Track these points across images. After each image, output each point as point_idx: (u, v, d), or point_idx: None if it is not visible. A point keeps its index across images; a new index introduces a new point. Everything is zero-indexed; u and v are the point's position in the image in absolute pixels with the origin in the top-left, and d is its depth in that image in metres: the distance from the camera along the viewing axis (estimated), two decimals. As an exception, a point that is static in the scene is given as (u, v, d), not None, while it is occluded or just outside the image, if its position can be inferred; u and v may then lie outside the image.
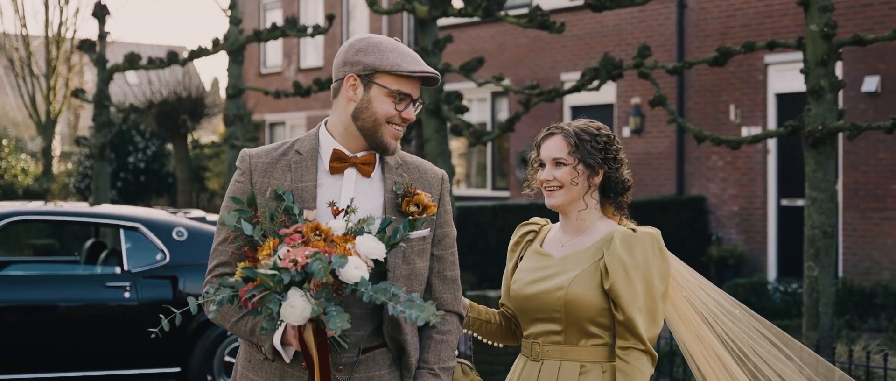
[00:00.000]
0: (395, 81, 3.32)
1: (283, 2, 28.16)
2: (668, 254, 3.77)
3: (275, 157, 3.38)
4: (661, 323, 3.69)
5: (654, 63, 10.05)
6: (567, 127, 3.81)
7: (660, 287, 3.67)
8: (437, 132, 11.67)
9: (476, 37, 21.12)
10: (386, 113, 3.32)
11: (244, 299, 3.05)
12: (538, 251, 3.91)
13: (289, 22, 14.10)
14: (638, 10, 18.07)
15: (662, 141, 17.76)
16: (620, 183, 3.83)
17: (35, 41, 31.35)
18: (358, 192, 3.35)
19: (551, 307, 3.74)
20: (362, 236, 3.14)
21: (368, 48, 3.32)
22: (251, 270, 3.07)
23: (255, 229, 3.17)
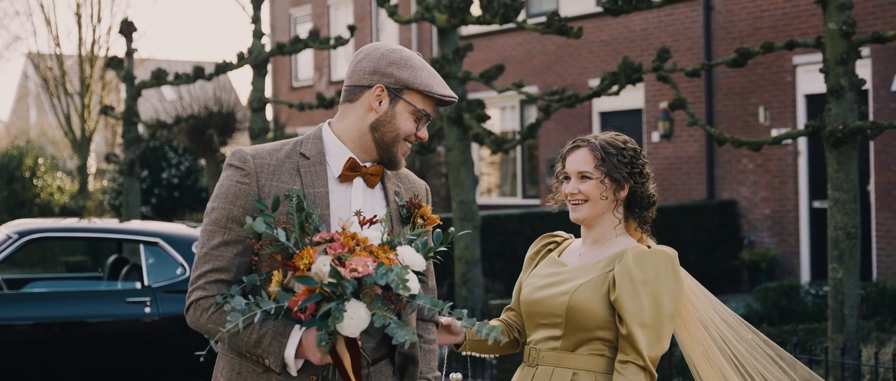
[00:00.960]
0: (422, 100, 3.29)
1: (314, 15, 28.23)
2: (684, 275, 3.72)
3: (280, 158, 3.26)
4: (665, 344, 3.61)
5: (674, 66, 9.98)
6: (593, 140, 3.78)
7: (668, 307, 3.60)
8: (459, 141, 11.64)
9: (503, 45, 21.06)
10: (407, 130, 3.28)
11: (296, 309, 2.96)
12: (554, 260, 3.90)
13: (312, 34, 14.12)
14: (664, 14, 17.97)
15: (692, 145, 17.62)
16: (645, 198, 3.78)
17: (68, 60, 31.59)
18: (365, 201, 3.31)
19: (554, 312, 3.70)
20: (404, 248, 3.10)
21: (401, 62, 3.26)
22: (305, 278, 2.95)
23: (288, 236, 3.06)
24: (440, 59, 11.57)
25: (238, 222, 3.17)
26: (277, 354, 3.11)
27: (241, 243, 3.18)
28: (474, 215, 11.67)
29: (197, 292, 3.19)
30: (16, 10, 37.13)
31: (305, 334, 3.11)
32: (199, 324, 3.19)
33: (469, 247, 11.64)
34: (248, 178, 3.20)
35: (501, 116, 21.92)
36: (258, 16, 14.79)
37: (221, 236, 3.19)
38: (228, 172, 3.24)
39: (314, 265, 2.96)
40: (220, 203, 3.21)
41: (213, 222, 3.20)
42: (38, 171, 26.05)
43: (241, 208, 3.18)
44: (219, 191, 3.23)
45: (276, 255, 3.07)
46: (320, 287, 2.94)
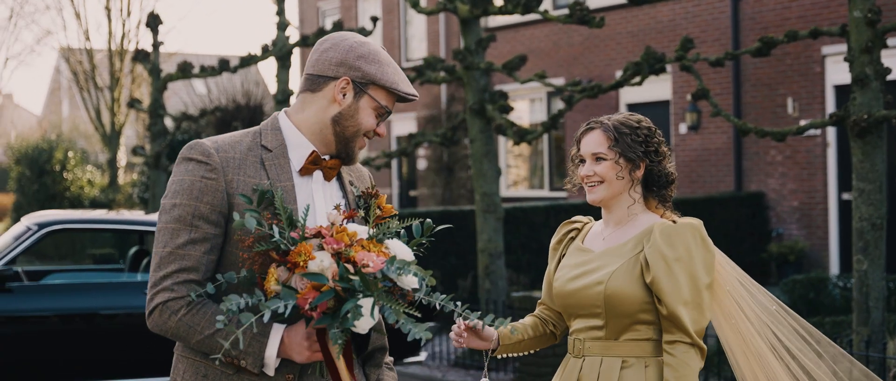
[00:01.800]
0: (386, 96, 3.22)
1: (342, 7, 28.23)
2: (713, 246, 3.66)
3: (242, 151, 3.15)
4: (708, 315, 3.59)
5: (697, 56, 9.86)
6: (607, 121, 3.75)
7: (704, 278, 3.58)
8: (481, 132, 11.58)
9: (529, 37, 20.98)
10: (368, 125, 3.21)
11: (307, 308, 2.85)
12: (579, 247, 3.86)
13: (336, 26, 14.08)
14: (692, 5, 17.83)
15: (720, 137, 17.48)
16: (663, 176, 3.76)
17: (98, 54, 31.73)
18: (325, 194, 3.25)
19: (592, 303, 3.67)
20: (392, 241, 3.05)
21: (370, 56, 3.18)
22: (315, 275, 2.85)
23: (281, 232, 2.96)
24: (463, 51, 11.50)
25: (206, 220, 3.06)
26: (257, 354, 3.02)
27: (209, 241, 3.07)
28: (497, 206, 11.60)
29: (163, 294, 3.03)
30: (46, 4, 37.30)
31: (288, 332, 3.04)
32: (167, 328, 3.05)
33: (492, 239, 11.58)
34: (214, 172, 3.08)
35: (530, 107, 21.85)
36: (282, 8, 14.76)
37: (188, 234, 3.05)
38: (190, 166, 3.10)
39: (315, 262, 2.89)
40: (184, 199, 3.07)
41: (177, 220, 3.06)
42: (68, 164, 26.20)
43: (209, 205, 3.07)
44: (180, 187, 3.08)
45: (271, 252, 2.96)
46: (334, 284, 2.86)
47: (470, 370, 11.07)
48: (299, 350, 3.03)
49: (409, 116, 25.61)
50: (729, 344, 3.84)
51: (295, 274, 2.91)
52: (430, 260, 14.12)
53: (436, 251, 14.46)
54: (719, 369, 8.91)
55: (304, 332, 3.02)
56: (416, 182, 25.55)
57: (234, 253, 3.09)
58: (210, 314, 3.01)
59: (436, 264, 14.36)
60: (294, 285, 2.91)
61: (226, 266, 3.10)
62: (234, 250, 3.09)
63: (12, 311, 8.50)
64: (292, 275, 2.91)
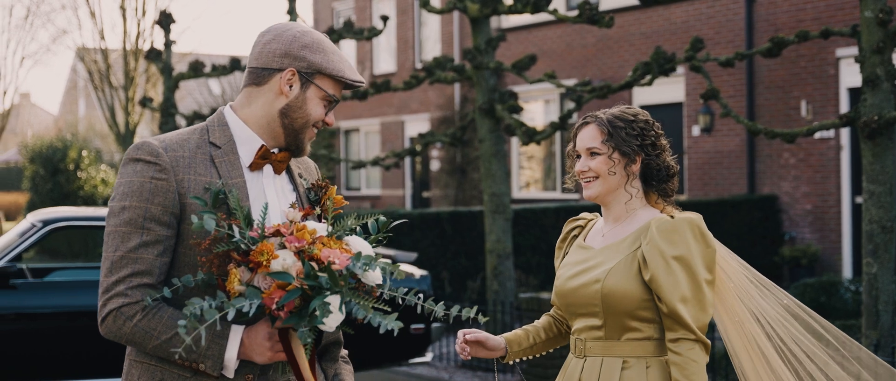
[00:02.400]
0: (333, 85, 3.16)
1: (356, 7, 28.21)
2: (713, 241, 3.57)
3: (191, 149, 3.08)
4: (709, 311, 3.50)
5: (707, 56, 9.78)
6: (601, 115, 3.68)
7: (704, 274, 3.48)
8: (491, 133, 11.52)
9: (542, 38, 20.91)
10: (317, 116, 3.16)
11: (274, 307, 2.80)
12: (581, 245, 3.78)
13: (346, 25, 14.03)
14: (706, 6, 17.74)
15: (733, 139, 17.38)
16: (662, 170, 3.65)
17: (113, 54, 31.76)
18: (277, 188, 3.19)
19: (590, 301, 3.59)
20: (352, 237, 3.00)
21: (314, 46, 3.13)
22: (281, 274, 2.81)
23: (239, 232, 2.89)
24: (473, 50, 11.44)
25: (157, 222, 2.98)
26: (217, 356, 2.96)
27: (162, 243, 2.99)
28: (506, 207, 11.54)
29: (117, 300, 2.95)
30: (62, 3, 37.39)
31: (248, 333, 2.98)
32: (122, 334, 2.97)
33: (501, 240, 11.52)
34: (163, 173, 3.00)
35: (544, 108, 21.79)
36: (293, 7, 14.72)
37: (140, 236, 2.96)
38: (138, 167, 3.01)
39: (278, 260, 2.84)
40: (134, 201, 2.98)
41: (128, 223, 2.97)
42: (82, 163, 26.23)
43: (160, 206, 2.98)
44: (129, 188, 3.00)
45: (232, 252, 2.89)
46: (301, 282, 2.82)
47: (477, 372, 11.01)
48: (261, 351, 2.98)
49: (422, 116, 25.58)
50: (732, 345, 3.75)
51: (258, 274, 2.85)
52: (440, 261, 14.08)
53: (445, 252, 14.40)
54: (726, 371, 8.83)
55: (265, 332, 2.97)
56: (430, 183, 25.50)
57: (188, 254, 3.02)
58: (167, 318, 2.94)
59: (446, 264, 14.31)
60: (257, 285, 2.86)
61: (179, 268, 3.03)
62: (187, 251, 3.02)
63: (16, 308, 8.48)
64: (255, 275, 2.86)
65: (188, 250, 3.01)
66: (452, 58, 12.33)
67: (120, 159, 30.46)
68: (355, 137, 28.91)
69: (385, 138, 27.06)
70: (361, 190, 28.48)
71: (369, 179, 28.34)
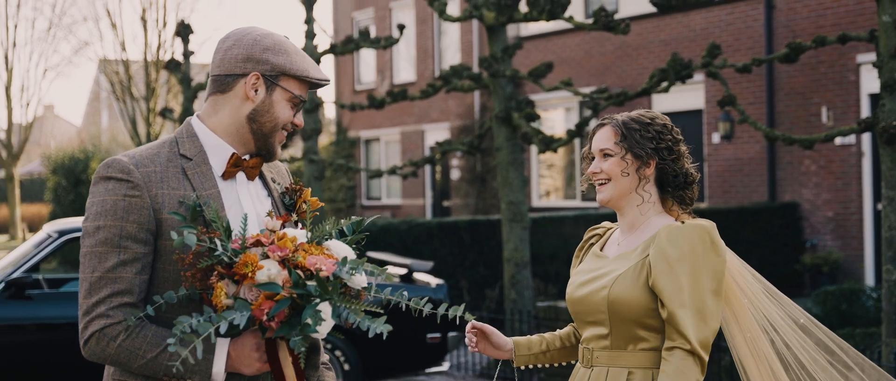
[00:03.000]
0: (299, 86, 3.13)
1: (376, 17, 28.25)
2: (725, 250, 3.44)
3: (162, 163, 3.03)
4: (713, 325, 3.34)
5: (724, 62, 9.72)
6: (618, 117, 3.59)
7: (709, 284, 3.34)
8: (507, 141, 11.48)
9: (561, 46, 20.87)
10: (285, 118, 3.12)
11: (265, 319, 2.77)
12: (596, 253, 3.69)
13: (362, 34, 14.03)
14: (725, 13, 17.66)
15: (753, 146, 17.28)
16: (678, 176, 3.53)
17: (134, 65, 31.90)
18: (251, 195, 3.16)
19: (597, 309, 3.50)
20: (331, 241, 2.99)
21: (276, 48, 3.09)
22: (269, 285, 2.78)
23: (221, 245, 2.86)
24: (489, 58, 11.41)
25: (134, 239, 2.93)
26: (205, 371, 2.92)
27: (140, 260, 2.94)
28: (523, 216, 11.50)
29: (98, 321, 2.90)
30: (83, 15, 37.59)
31: (234, 345, 2.94)
32: (106, 355, 2.92)
33: (518, 248, 11.47)
34: (137, 190, 2.96)
35: (565, 116, 21.74)
36: (311, 17, 14.72)
37: (117, 256, 2.92)
38: (110, 185, 2.97)
39: (263, 271, 2.80)
40: (109, 221, 2.93)
41: (104, 242, 2.92)
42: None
43: (136, 223, 2.94)
44: (102, 208, 2.95)
45: (216, 266, 2.85)
46: (289, 292, 2.79)
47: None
48: (249, 362, 2.95)
49: (442, 125, 25.57)
50: (743, 362, 3.62)
51: (244, 285, 2.82)
52: (458, 270, 14.04)
53: (464, 261, 14.36)
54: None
55: (252, 343, 2.94)
56: (450, 192, 25.47)
57: (168, 270, 2.98)
58: (151, 336, 2.90)
59: (464, 274, 14.27)
60: (244, 297, 2.83)
61: (158, 285, 2.99)
62: (166, 267, 2.98)
63: (31, 318, 8.50)
64: (241, 287, 2.83)
65: (167, 266, 2.98)
66: (470, 66, 12.30)
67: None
68: (375, 147, 28.91)
69: (405, 148, 27.04)
70: (382, 200, 28.47)
71: (390, 188, 28.33)
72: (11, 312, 8.47)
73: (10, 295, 8.49)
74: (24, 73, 36.07)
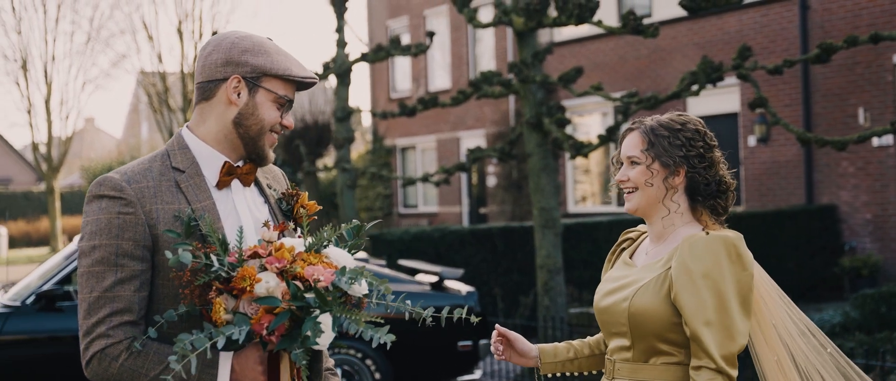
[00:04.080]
0: (283, 86, 3.06)
1: (411, 25, 28.25)
2: (752, 265, 3.26)
3: (155, 178, 2.99)
4: (740, 340, 3.17)
5: (755, 64, 9.61)
6: (648, 121, 3.41)
7: (736, 299, 3.16)
8: (539, 146, 11.42)
9: (595, 51, 20.78)
10: (272, 119, 3.06)
11: (265, 333, 2.73)
12: (626, 261, 3.52)
13: (393, 42, 14.01)
14: (759, 15, 17.51)
15: (790, 149, 17.11)
16: (710, 184, 3.33)
17: (171, 76, 32.07)
18: (248, 202, 3.11)
19: (618, 320, 3.35)
20: (331, 249, 2.93)
21: (255, 49, 3.04)
22: (268, 299, 2.74)
23: (218, 260, 2.81)
24: (519, 64, 11.35)
25: (130, 257, 2.89)
26: None
27: (138, 278, 2.90)
28: (556, 222, 11.42)
29: (100, 341, 2.86)
30: (121, 28, 37.87)
31: (237, 359, 2.89)
32: (108, 376, 2.87)
33: (551, 255, 11.39)
34: (130, 207, 2.91)
35: (601, 121, 21.65)
36: (341, 25, 14.74)
37: (114, 274, 2.88)
38: (103, 203, 2.93)
39: (262, 284, 2.76)
40: (104, 240, 2.89)
41: (100, 261, 2.88)
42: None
43: (131, 241, 2.89)
44: (96, 227, 2.91)
45: (214, 282, 2.80)
46: (289, 304, 2.75)
47: (528, 389, 10.87)
48: (253, 376, 2.89)
49: (478, 132, 25.53)
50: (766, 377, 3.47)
51: (243, 299, 2.78)
52: (491, 277, 13.98)
53: (498, 268, 14.30)
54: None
55: (256, 357, 2.88)
56: (487, 199, 25.41)
57: (166, 286, 2.94)
58: (153, 354, 2.86)
59: (498, 281, 14.21)
60: (243, 311, 2.78)
61: (158, 300, 2.95)
62: (165, 282, 2.94)
63: (61, 330, 8.51)
64: (240, 301, 2.79)
65: (166, 281, 2.93)
66: (501, 72, 12.24)
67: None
68: (411, 155, 28.90)
69: (441, 155, 27.01)
70: (418, 208, 28.46)
71: (426, 196, 28.31)
72: (41, 324, 8.50)
73: (40, 307, 8.52)
74: (62, 86, 36.39)
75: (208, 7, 43.58)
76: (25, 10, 34.45)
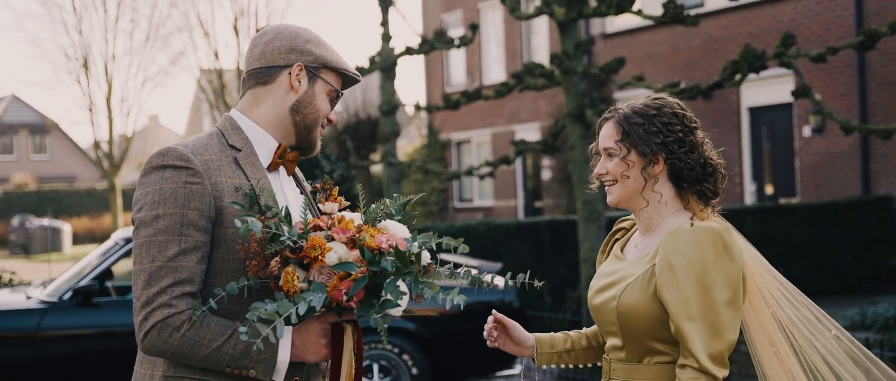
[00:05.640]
0: (337, 79, 3.15)
1: (465, 19, 28.16)
2: (740, 255, 3.07)
3: (215, 152, 2.98)
4: (728, 338, 3.00)
5: (798, 52, 9.39)
6: (621, 110, 3.27)
7: (722, 294, 2.99)
8: (581, 139, 11.28)
9: (648, 41, 20.54)
10: (326, 111, 3.14)
11: (344, 299, 2.74)
12: (617, 254, 3.37)
13: (437, 35, 13.93)
14: (814, 3, 17.20)
15: (846, 139, 16.77)
16: (694, 168, 3.18)
17: (228, 73, 32.27)
18: (288, 189, 3.13)
19: (609, 320, 3.21)
20: (388, 222, 2.97)
21: (316, 40, 3.11)
22: (346, 264, 2.76)
23: (288, 230, 2.83)
24: (561, 55, 11.21)
25: (195, 227, 2.86)
26: (269, 360, 2.85)
27: (200, 249, 2.87)
28: (600, 215, 11.28)
29: (162, 311, 2.80)
30: (177, 26, 38.19)
31: (297, 333, 2.90)
32: (168, 347, 2.82)
33: (595, 248, 11.24)
34: (197, 176, 2.89)
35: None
36: (386, 19, 14.69)
37: (178, 244, 2.84)
38: (166, 173, 2.89)
39: (332, 253, 2.78)
40: (170, 209, 2.85)
41: (164, 231, 2.84)
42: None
43: (197, 211, 2.87)
44: (160, 196, 2.87)
45: (284, 251, 2.79)
46: (367, 270, 2.77)
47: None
48: (315, 349, 2.92)
49: (532, 125, 25.38)
50: (765, 372, 3.32)
51: (313, 269, 2.78)
52: (538, 271, 13.86)
53: (545, 262, 14.17)
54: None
55: (318, 329, 2.92)
56: (541, 193, 25.26)
57: (226, 259, 2.91)
58: (214, 326, 2.83)
59: (545, 274, 14.07)
60: (315, 280, 2.80)
61: (214, 275, 2.91)
62: (224, 256, 2.91)
63: (98, 325, 8.55)
64: (312, 270, 2.79)
65: (226, 254, 2.92)
66: (542, 64, 12.11)
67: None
68: (466, 149, 28.82)
69: (496, 149, 26.90)
70: (474, 201, 28.38)
71: (482, 190, 28.23)
72: (78, 320, 8.55)
73: (76, 303, 8.56)
74: (123, 84, 36.77)
75: (264, 3, 43.79)
76: (86, 9, 34.77)
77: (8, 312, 8.60)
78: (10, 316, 8.56)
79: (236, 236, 2.88)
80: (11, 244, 36.79)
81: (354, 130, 23.26)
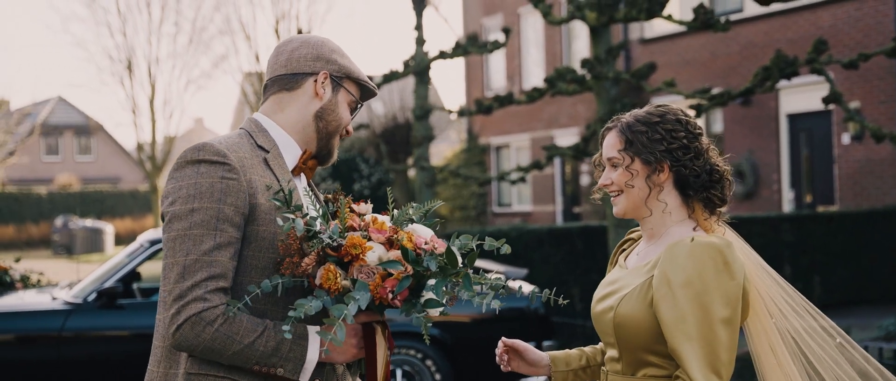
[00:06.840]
0: (357, 90, 3.23)
1: (505, 23, 28.11)
2: (740, 273, 3.00)
3: (248, 151, 3.00)
4: (725, 358, 2.93)
5: (829, 58, 9.27)
6: (624, 118, 3.23)
7: (721, 312, 2.92)
8: (612, 144, 11.19)
9: (686, 47, 20.40)
10: (347, 120, 3.21)
11: (390, 297, 2.75)
12: (620, 263, 3.33)
13: (470, 39, 13.91)
14: (854, 8, 17.00)
15: (886, 146, 16.55)
16: (700, 175, 3.13)
17: (268, 76, 32.49)
18: (303, 194, 3.14)
19: (606, 330, 3.16)
20: (414, 225, 3.01)
21: (340, 51, 3.20)
22: (391, 263, 2.79)
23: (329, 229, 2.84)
24: (592, 60, 11.15)
25: (230, 223, 2.86)
26: (298, 359, 2.87)
27: (233, 245, 2.87)
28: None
29: (195, 305, 2.79)
30: (219, 29, 38.45)
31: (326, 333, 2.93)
32: (200, 341, 2.80)
33: (624, 254, 11.17)
34: (234, 172, 2.89)
35: (693, 119, 21.28)
36: (420, 23, 14.68)
37: (213, 238, 2.83)
38: (202, 168, 2.88)
39: (372, 252, 2.81)
40: (206, 203, 2.85)
41: (200, 224, 2.83)
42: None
43: (232, 206, 2.87)
44: (196, 190, 2.86)
45: (326, 249, 2.81)
46: (411, 268, 2.80)
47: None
48: (345, 349, 2.96)
49: (571, 131, 25.30)
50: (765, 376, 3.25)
51: (354, 267, 2.80)
52: (570, 277, 13.78)
53: (577, 268, 14.09)
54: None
55: (351, 330, 2.97)
56: (580, 198, 25.16)
57: (256, 257, 2.92)
58: (246, 322, 2.84)
59: (576, 281, 14.00)
60: (357, 278, 2.83)
61: (243, 272, 2.92)
62: (255, 253, 2.92)
63: (122, 327, 8.57)
64: (352, 268, 2.81)
65: (257, 252, 2.93)
66: (573, 69, 12.04)
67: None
68: (506, 153, 28.77)
69: (535, 154, 26.82)
70: (513, 207, 28.32)
71: (520, 195, 28.16)
72: (102, 321, 8.57)
73: (101, 305, 8.59)
74: (166, 86, 37.05)
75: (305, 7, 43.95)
76: (130, 11, 35.11)
77: (33, 313, 8.65)
78: (35, 317, 8.61)
79: (267, 233, 2.91)
80: (55, 245, 37.13)
81: (392, 134, 23.26)
